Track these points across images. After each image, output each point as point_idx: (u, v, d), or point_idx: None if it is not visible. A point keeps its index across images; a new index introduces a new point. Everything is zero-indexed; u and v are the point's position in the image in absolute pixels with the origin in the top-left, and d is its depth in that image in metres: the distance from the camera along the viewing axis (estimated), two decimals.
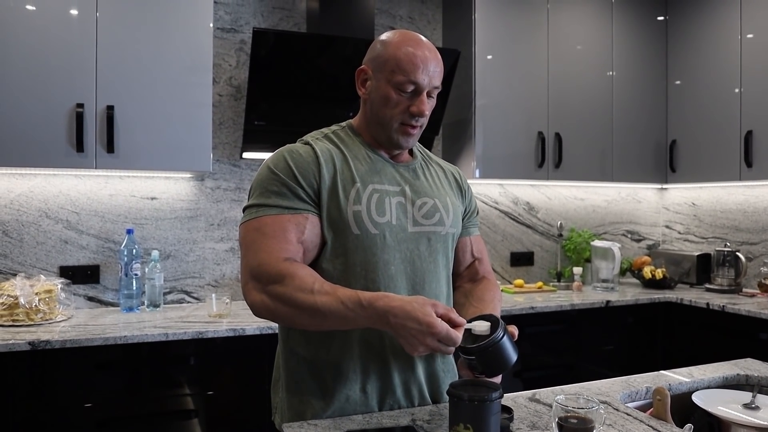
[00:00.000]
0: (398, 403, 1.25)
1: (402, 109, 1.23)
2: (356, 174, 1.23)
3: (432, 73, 1.22)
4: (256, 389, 2.22)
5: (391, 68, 1.21)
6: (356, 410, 1.22)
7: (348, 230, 1.19)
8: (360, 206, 1.20)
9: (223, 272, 2.80)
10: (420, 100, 1.22)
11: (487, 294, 1.35)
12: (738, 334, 2.70)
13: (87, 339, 1.99)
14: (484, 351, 1.07)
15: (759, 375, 1.55)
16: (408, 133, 1.26)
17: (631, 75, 3.40)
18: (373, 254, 1.20)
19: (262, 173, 1.23)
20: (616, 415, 1.24)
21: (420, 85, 1.21)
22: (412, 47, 1.21)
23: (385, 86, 1.22)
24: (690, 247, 3.66)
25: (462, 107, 3.08)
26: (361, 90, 1.29)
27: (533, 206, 3.52)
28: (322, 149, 1.24)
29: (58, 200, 2.53)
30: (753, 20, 2.98)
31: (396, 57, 1.20)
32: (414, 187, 1.29)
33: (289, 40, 2.54)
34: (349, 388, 1.22)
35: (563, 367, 2.85)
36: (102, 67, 2.27)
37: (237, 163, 2.83)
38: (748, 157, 2.97)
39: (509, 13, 3.07)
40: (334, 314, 1.06)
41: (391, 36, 1.25)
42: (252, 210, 1.19)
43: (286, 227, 1.16)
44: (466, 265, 1.45)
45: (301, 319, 1.11)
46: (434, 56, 1.23)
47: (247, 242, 1.17)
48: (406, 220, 1.25)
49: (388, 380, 1.24)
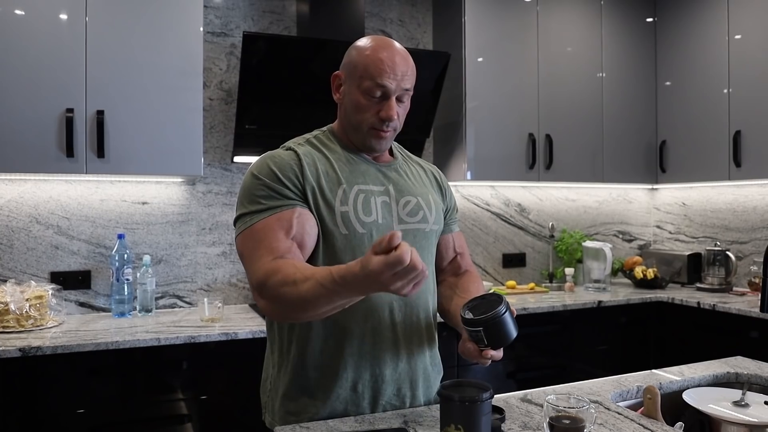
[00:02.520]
0: (390, 402, 1.26)
1: (372, 113, 1.24)
2: (341, 175, 1.25)
3: (401, 77, 1.23)
4: (249, 393, 2.21)
5: (360, 74, 1.23)
6: (347, 410, 1.23)
7: (336, 230, 1.21)
8: (347, 207, 1.22)
9: (215, 276, 2.79)
10: (388, 104, 1.23)
11: (473, 285, 1.40)
12: (729, 333, 2.72)
13: (78, 345, 1.98)
14: (491, 321, 1.10)
15: (749, 373, 1.56)
16: (380, 137, 1.27)
17: (621, 76, 3.42)
18: (361, 253, 1.21)
19: (247, 182, 1.23)
20: (607, 414, 1.25)
21: (387, 89, 1.22)
22: (380, 52, 1.22)
23: (356, 92, 1.24)
24: (681, 246, 3.69)
25: (453, 110, 3.09)
26: (336, 95, 1.32)
27: (525, 208, 3.53)
28: (305, 153, 1.25)
29: (48, 206, 2.52)
30: (740, 21, 3.01)
31: (364, 62, 1.22)
32: (397, 186, 1.32)
33: (280, 43, 2.54)
34: (340, 386, 1.23)
35: (556, 367, 2.86)
36: (92, 72, 2.26)
37: (228, 167, 2.82)
38: (736, 156, 3.00)
39: (499, 15, 3.09)
40: (320, 298, 1.02)
41: (362, 42, 1.27)
42: (244, 219, 1.20)
43: (273, 227, 1.16)
44: (449, 260, 1.49)
45: (296, 313, 1.09)
46: (402, 59, 1.24)
47: (245, 253, 1.18)
48: (392, 219, 1.28)
49: (380, 379, 1.25)
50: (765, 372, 1.56)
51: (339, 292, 0.99)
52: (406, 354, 1.27)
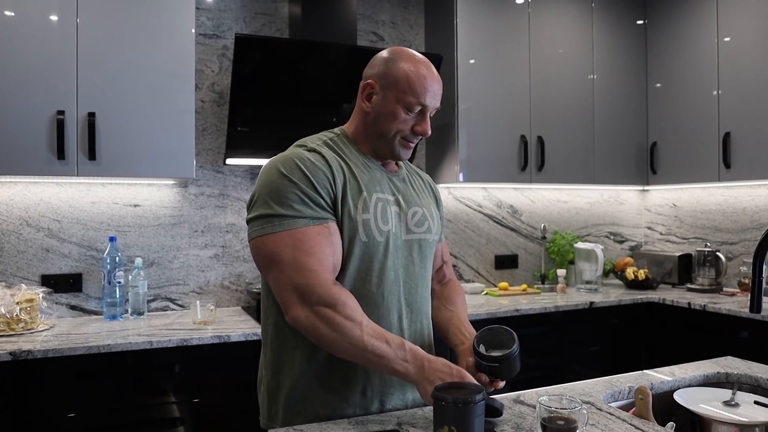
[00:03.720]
0: (396, 407, 1.29)
1: (407, 126, 1.30)
2: (361, 183, 1.27)
3: (436, 96, 1.30)
4: (242, 395, 2.21)
5: (402, 88, 1.26)
6: (356, 413, 1.24)
7: (356, 237, 1.23)
8: (368, 215, 1.24)
9: (207, 279, 2.78)
10: (425, 120, 1.30)
11: (458, 297, 1.49)
12: (719, 333, 2.74)
13: (70, 348, 1.97)
14: (508, 359, 1.21)
15: (739, 373, 1.57)
16: (407, 147, 1.34)
17: (612, 78, 3.44)
18: (378, 260, 1.25)
19: (275, 180, 1.20)
20: (599, 414, 1.25)
21: (427, 107, 1.29)
22: (423, 70, 1.28)
23: (394, 104, 1.27)
24: (671, 247, 3.71)
25: (445, 111, 3.09)
26: (366, 103, 1.31)
27: (517, 209, 3.54)
28: (330, 157, 1.26)
29: (39, 208, 2.51)
30: (729, 24, 3.03)
31: (408, 78, 1.26)
32: (405, 196, 1.36)
33: (272, 45, 2.54)
34: (350, 389, 1.24)
35: (549, 368, 2.87)
36: (83, 74, 2.25)
37: (220, 169, 2.82)
38: (726, 158, 3.02)
39: (491, 17, 3.10)
40: (375, 349, 1.13)
41: (399, 55, 1.29)
42: (273, 221, 1.18)
43: (321, 242, 1.18)
44: (436, 269, 1.54)
45: (341, 345, 1.15)
46: (438, 80, 1.31)
47: (284, 258, 1.16)
48: (402, 228, 1.31)
49: (388, 383, 1.27)
50: (755, 372, 1.57)
51: (397, 356, 1.14)
52: None
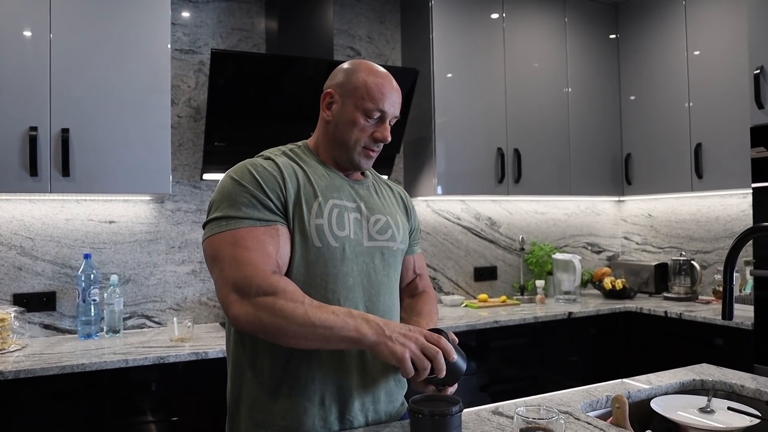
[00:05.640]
0: (356, 418, 1.26)
1: (367, 133, 1.32)
2: (317, 189, 1.27)
3: (395, 104, 1.33)
4: (221, 412, 2.16)
5: (361, 95, 1.29)
6: (315, 424, 1.22)
7: (310, 243, 1.22)
8: (322, 220, 1.24)
9: (184, 295, 2.75)
10: (384, 127, 1.33)
11: (425, 307, 1.47)
12: (695, 341, 2.78)
13: (42, 368, 1.93)
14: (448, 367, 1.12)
15: (713, 380, 1.59)
16: (369, 156, 1.35)
17: (587, 91, 3.50)
18: (333, 266, 1.24)
19: (227, 186, 1.22)
20: (576, 424, 1.26)
21: (386, 114, 1.32)
22: (381, 78, 1.32)
23: (353, 111, 1.30)
24: (648, 257, 3.76)
25: (422, 125, 3.11)
26: (326, 112, 1.34)
27: (495, 221, 3.57)
28: (284, 164, 1.28)
29: (11, 226, 2.46)
30: (698, 38, 3.11)
31: (366, 85, 1.30)
32: (368, 204, 1.36)
33: (248, 61, 2.54)
34: (308, 399, 1.22)
35: (528, 379, 2.88)
36: (56, 89, 2.23)
37: (197, 184, 2.80)
38: (698, 168, 3.08)
39: (467, 32, 3.14)
40: (323, 322, 1.09)
41: (359, 65, 1.34)
42: (221, 222, 1.18)
43: (263, 240, 1.17)
44: (408, 282, 1.54)
45: (288, 329, 1.10)
46: (397, 89, 1.35)
47: (224, 256, 1.16)
48: (362, 235, 1.31)
49: (347, 394, 1.24)
50: (729, 378, 1.59)
51: (348, 323, 1.10)
52: (371, 367, 1.27)
